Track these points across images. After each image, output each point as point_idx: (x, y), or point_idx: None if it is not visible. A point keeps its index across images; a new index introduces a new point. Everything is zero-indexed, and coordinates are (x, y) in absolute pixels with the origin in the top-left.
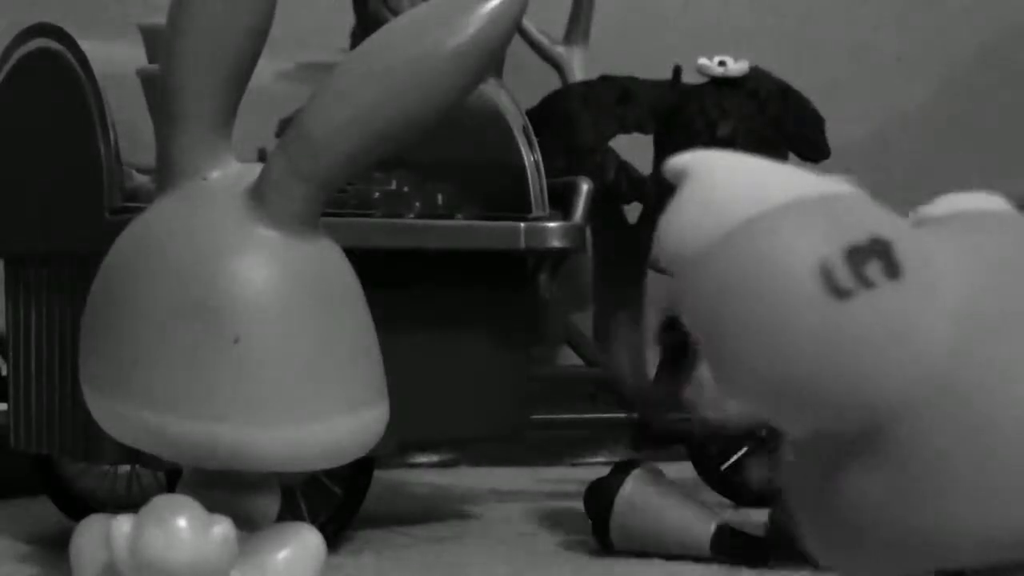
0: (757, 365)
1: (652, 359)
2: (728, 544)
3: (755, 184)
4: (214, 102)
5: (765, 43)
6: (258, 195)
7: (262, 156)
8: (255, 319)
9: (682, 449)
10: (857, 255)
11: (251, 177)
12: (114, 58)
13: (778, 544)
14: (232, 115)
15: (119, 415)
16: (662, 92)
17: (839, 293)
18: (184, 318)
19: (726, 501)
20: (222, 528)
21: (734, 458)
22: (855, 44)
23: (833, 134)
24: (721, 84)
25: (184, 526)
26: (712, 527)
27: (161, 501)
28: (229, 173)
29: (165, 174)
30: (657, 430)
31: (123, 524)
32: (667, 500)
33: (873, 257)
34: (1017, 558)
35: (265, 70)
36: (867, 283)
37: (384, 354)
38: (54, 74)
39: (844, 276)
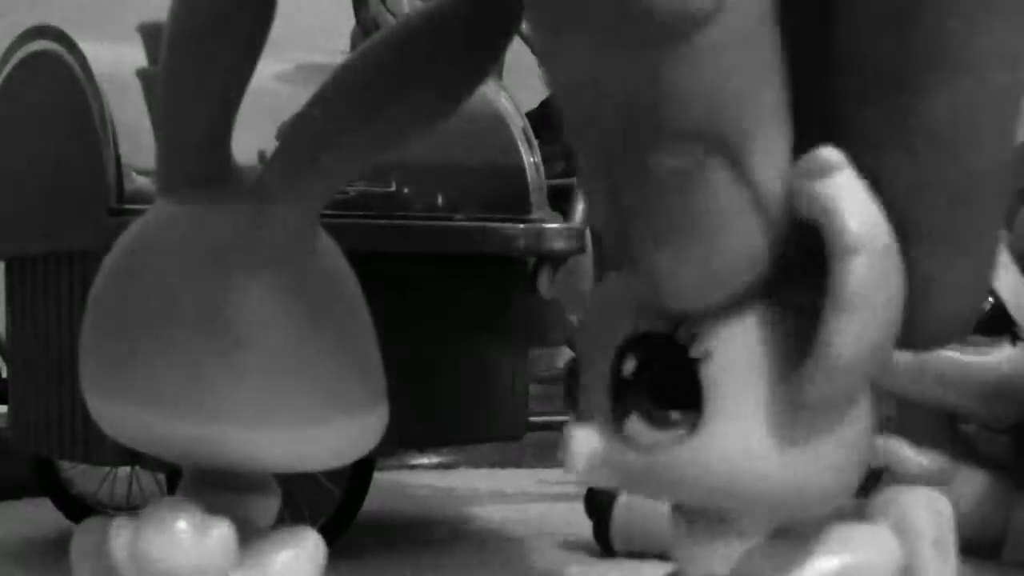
0: None
1: None
2: None
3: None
4: (213, 104)
5: None
6: (257, 198)
7: (262, 158)
8: (256, 322)
9: None
10: None
11: (251, 179)
12: (114, 59)
13: None
14: (232, 117)
15: (119, 416)
16: None
17: None
18: (185, 321)
19: None
20: (221, 530)
21: None
22: None
23: None
24: None
25: (184, 529)
26: None
27: (160, 504)
28: (229, 175)
29: (165, 176)
30: None
31: (123, 526)
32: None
33: None
34: None
35: (265, 70)
36: None
37: (384, 356)
38: (54, 76)
39: None
